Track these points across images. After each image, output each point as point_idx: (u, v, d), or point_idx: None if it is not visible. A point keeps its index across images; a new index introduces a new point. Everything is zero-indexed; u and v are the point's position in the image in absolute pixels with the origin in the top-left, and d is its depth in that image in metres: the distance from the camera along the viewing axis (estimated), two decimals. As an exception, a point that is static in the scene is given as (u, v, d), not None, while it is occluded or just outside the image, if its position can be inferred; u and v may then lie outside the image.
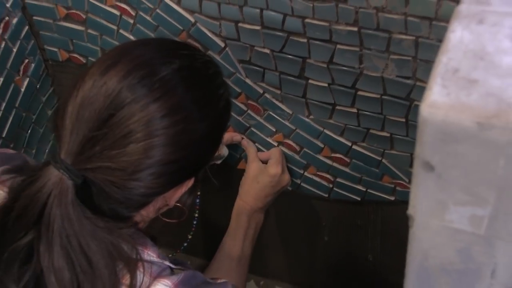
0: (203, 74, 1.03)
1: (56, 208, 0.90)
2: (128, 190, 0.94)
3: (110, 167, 0.91)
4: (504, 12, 0.66)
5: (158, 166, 0.94)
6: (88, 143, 0.90)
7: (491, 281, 0.70)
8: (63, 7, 1.47)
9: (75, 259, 0.91)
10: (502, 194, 0.61)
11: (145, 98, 0.92)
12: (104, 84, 0.92)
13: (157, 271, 0.99)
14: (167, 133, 0.93)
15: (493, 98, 0.57)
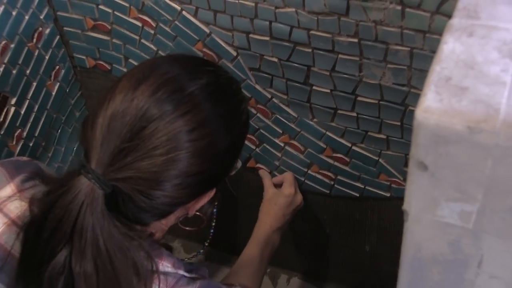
0: (227, 90, 1.02)
1: (88, 217, 0.88)
2: (154, 199, 0.92)
3: (139, 177, 0.89)
4: (491, 26, 0.65)
5: (183, 177, 0.92)
6: (119, 154, 0.88)
7: (478, 271, 0.70)
8: (91, 18, 1.48)
9: (102, 267, 0.89)
10: (489, 192, 0.61)
11: (174, 112, 0.90)
12: (135, 98, 0.90)
13: (172, 282, 0.97)
14: (193, 146, 0.91)
15: (482, 104, 0.57)
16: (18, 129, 1.45)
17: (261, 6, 1.24)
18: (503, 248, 0.66)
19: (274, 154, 1.56)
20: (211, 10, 1.31)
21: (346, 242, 1.71)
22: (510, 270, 0.68)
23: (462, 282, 0.72)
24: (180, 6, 1.34)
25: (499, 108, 0.57)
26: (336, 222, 1.68)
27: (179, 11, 1.35)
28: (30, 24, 1.42)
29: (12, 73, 1.39)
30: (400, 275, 0.76)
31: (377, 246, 1.68)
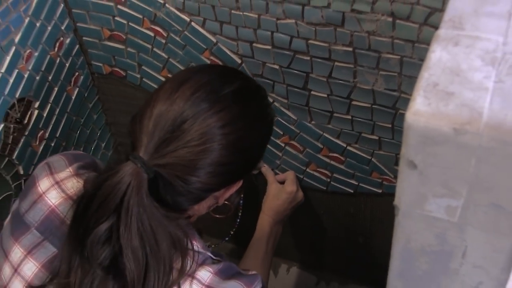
0: (255, 95, 1.06)
1: (134, 197, 0.91)
2: (190, 184, 0.96)
3: (179, 163, 0.93)
4: (475, 36, 0.65)
5: (215, 166, 0.96)
6: (162, 143, 0.93)
7: (462, 261, 0.70)
8: (108, 29, 1.48)
9: (146, 240, 0.93)
10: (473, 188, 0.61)
11: (210, 110, 0.95)
12: (177, 98, 0.95)
13: (201, 259, 1.01)
14: (224, 139, 0.96)
15: (467, 108, 0.57)
16: (41, 131, 1.45)
17: (264, 17, 1.24)
18: (485, 240, 0.66)
19: (276, 153, 1.56)
20: (217, 21, 1.31)
21: (341, 234, 1.71)
22: (491, 260, 0.68)
23: (448, 271, 0.72)
24: (189, 18, 1.34)
25: (482, 112, 0.56)
26: (332, 216, 1.68)
27: (188, 22, 1.35)
28: (52, 34, 1.42)
29: (35, 79, 1.39)
30: (391, 264, 0.76)
31: (370, 238, 1.68)
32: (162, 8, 1.35)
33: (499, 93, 0.58)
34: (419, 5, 1.08)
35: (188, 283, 0.97)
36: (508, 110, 0.56)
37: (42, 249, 1.00)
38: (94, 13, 1.45)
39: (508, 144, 0.55)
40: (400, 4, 1.09)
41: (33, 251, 1.00)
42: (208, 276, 0.99)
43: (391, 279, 0.78)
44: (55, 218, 1.00)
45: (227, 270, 1.03)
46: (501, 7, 0.69)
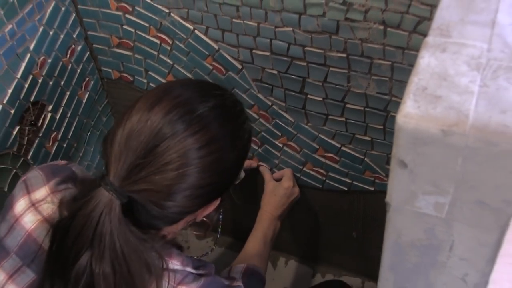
0: (232, 111, 0.99)
1: (107, 224, 0.86)
2: (165, 209, 0.90)
3: (152, 189, 0.88)
4: (461, 43, 0.65)
5: (192, 189, 0.91)
6: (134, 169, 0.87)
7: (449, 254, 0.70)
8: (116, 37, 1.48)
9: (118, 267, 0.88)
10: (459, 186, 0.61)
11: (185, 132, 0.88)
12: (149, 119, 0.88)
13: (180, 278, 0.95)
14: (202, 162, 0.90)
15: (454, 110, 0.57)
16: (54, 132, 1.45)
17: (263, 25, 1.24)
18: (471, 234, 0.66)
19: (274, 153, 1.55)
20: (219, 29, 1.31)
21: (336, 229, 1.71)
22: (476, 253, 0.68)
23: (436, 263, 0.72)
24: (193, 26, 1.34)
25: (468, 114, 0.57)
26: (327, 212, 1.68)
27: (192, 30, 1.35)
28: (65, 42, 1.42)
29: (49, 84, 1.39)
30: (383, 257, 0.76)
31: (363, 233, 1.67)
32: (167, 17, 1.35)
33: (484, 97, 0.58)
34: (409, 14, 1.08)
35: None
36: (493, 113, 0.56)
37: (22, 275, 0.95)
38: (104, 22, 1.45)
39: (493, 145, 0.55)
40: (391, 13, 1.09)
41: (13, 276, 0.95)
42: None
43: (383, 271, 0.78)
44: (32, 243, 0.95)
45: (208, 286, 0.98)
46: (485, 16, 0.69)
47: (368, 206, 1.56)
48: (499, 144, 0.55)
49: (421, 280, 0.76)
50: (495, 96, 0.58)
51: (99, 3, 1.41)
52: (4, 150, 1.28)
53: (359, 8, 1.12)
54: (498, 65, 0.62)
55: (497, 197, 0.60)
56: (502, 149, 0.55)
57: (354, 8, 1.12)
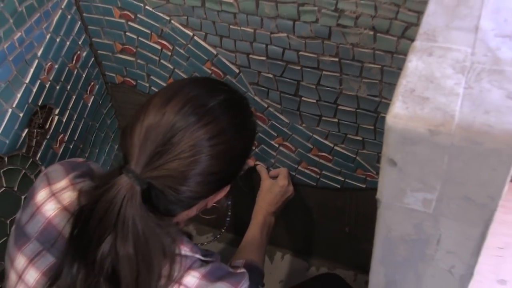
0: (240, 105, 1.02)
1: (129, 209, 0.89)
2: (180, 194, 0.93)
3: (170, 175, 0.90)
4: (447, 47, 0.65)
5: (205, 175, 0.93)
6: (154, 157, 0.89)
7: (437, 247, 0.70)
8: (119, 43, 1.48)
9: (139, 248, 0.90)
10: (446, 183, 0.61)
11: (197, 124, 0.91)
12: (166, 112, 0.91)
13: (189, 264, 0.97)
14: (212, 150, 0.92)
15: (440, 111, 0.57)
16: (61, 134, 1.45)
17: (259, 31, 1.24)
18: (457, 228, 0.66)
19: (270, 153, 1.55)
20: (217, 35, 1.31)
21: (329, 225, 1.71)
22: (462, 246, 0.68)
23: (424, 257, 0.72)
24: (192, 32, 1.34)
25: (454, 115, 0.57)
26: (322, 209, 1.68)
27: (191, 36, 1.35)
28: (71, 48, 1.42)
29: (55, 88, 1.38)
30: (374, 251, 0.76)
31: (355, 228, 1.68)
32: (168, 24, 1.35)
33: (469, 98, 0.58)
34: (397, 20, 1.08)
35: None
36: (477, 113, 0.56)
37: (42, 258, 0.97)
38: (108, 29, 1.45)
39: (477, 144, 0.56)
40: (380, 19, 1.09)
41: (34, 259, 0.97)
42: (195, 281, 0.96)
43: (374, 264, 0.78)
44: (52, 229, 0.98)
45: (215, 272, 0.99)
46: (469, 22, 0.69)
47: (360, 203, 1.56)
48: (483, 143, 0.55)
49: (410, 273, 0.76)
50: (479, 97, 0.58)
51: (103, 11, 1.41)
52: (14, 151, 1.28)
53: (350, 14, 1.12)
54: (481, 68, 0.62)
55: (481, 193, 0.60)
56: (486, 148, 0.55)
57: (346, 14, 1.12)
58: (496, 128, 0.55)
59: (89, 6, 1.41)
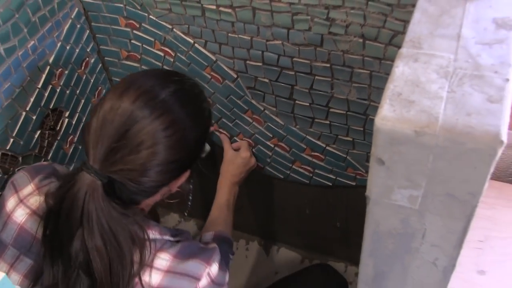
0: (191, 94, 1.00)
1: (92, 203, 0.88)
2: (142, 184, 0.92)
3: (128, 168, 0.89)
4: (431, 54, 0.65)
5: (163, 165, 0.92)
6: (111, 152, 0.88)
7: (422, 241, 0.70)
8: (125, 50, 1.47)
9: (107, 239, 0.89)
10: (431, 180, 0.61)
11: (151, 116, 0.90)
12: (119, 107, 0.89)
13: (159, 246, 0.96)
14: (168, 140, 0.91)
15: (425, 113, 0.57)
16: (71, 135, 1.45)
17: (255, 39, 1.24)
18: (441, 223, 0.66)
19: (266, 153, 1.55)
20: (217, 43, 1.31)
21: (322, 220, 1.71)
22: (446, 239, 0.68)
23: (410, 249, 0.72)
24: (193, 40, 1.34)
25: (438, 117, 0.57)
26: (314, 205, 1.68)
27: (192, 43, 1.34)
28: (80, 55, 1.42)
29: (66, 93, 1.38)
30: (363, 245, 0.76)
31: (346, 223, 1.68)
32: (171, 32, 1.35)
33: (452, 101, 0.58)
34: (385, 28, 1.08)
35: (148, 273, 0.94)
36: (459, 116, 0.56)
37: (21, 262, 0.97)
38: (114, 37, 1.45)
39: (460, 144, 0.56)
40: (369, 27, 1.09)
41: (14, 264, 0.97)
42: (166, 263, 0.95)
43: (363, 257, 0.78)
44: (25, 234, 0.97)
45: (185, 250, 0.98)
46: (451, 30, 0.69)
47: (350, 200, 1.56)
48: (465, 143, 0.55)
49: (397, 265, 0.76)
50: (461, 100, 0.58)
51: (110, 20, 1.41)
52: (27, 151, 1.28)
53: (341, 23, 1.12)
54: (463, 74, 0.62)
55: (463, 190, 0.60)
56: (468, 148, 0.56)
57: (337, 23, 1.12)
58: (477, 129, 0.55)
59: (97, 15, 1.41)
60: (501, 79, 0.61)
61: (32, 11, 1.22)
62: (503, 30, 0.68)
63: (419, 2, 0.75)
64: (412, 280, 0.78)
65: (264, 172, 1.61)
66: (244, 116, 1.46)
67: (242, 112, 1.45)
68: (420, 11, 0.73)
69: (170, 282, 0.94)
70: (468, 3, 0.74)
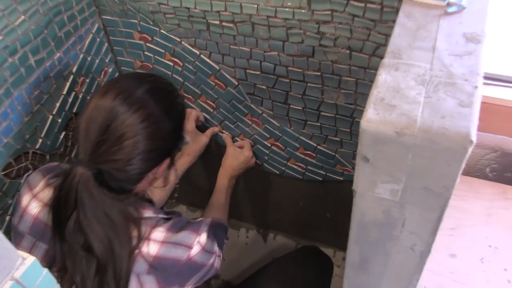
0: (164, 91, 1.02)
1: (84, 191, 0.91)
2: (127, 172, 0.94)
3: (113, 159, 0.92)
4: (410, 64, 0.65)
5: (144, 153, 0.94)
6: (96, 146, 0.91)
7: (402, 229, 0.70)
8: (139, 61, 1.47)
9: (103, 222, 0.92)
10: (410, 176, 0.61)
11: (128, 111, 0.92)
12: (102, 106, 0.92)
13: (154, 223, 0.98)
14: (146, 132, 0.93)
15: (405, 116, 0.57)
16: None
17: (254, 50, 1.24)
18: (418, 213, 0.66)
19: (264, 151, 1.55)
20: (220, 54, 1.31)
21: (314, 211, 1.71)
22: (423, 228, 0.68)
23: (392, 237, 0.72)
24: (199, 51, 1.33)
25: (416, 119, 0.57)
26: (307, 198, 1.67)
27: (198, 54, 1.34)
28: (99, 66, 1.42)
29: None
30: (350, 233, 0.76)
31: (335, 214, 1.67)
32: (179, 45, 1.35)
33: (428, 106, 0.58)
34: (369, 41, 1.08)
35: (146, 245, 0.96)
36: (435, 118, 0.57)
37: (38, 248, 0.99)
38: (129, 49, 1.45)
39: (435, 143, 0.56)
40: (355, 40, 1.09)
41: (31, 250, 0.99)
42: (162, 234, 0.97)
43: (350, 243, 0.78)
44: (39, 223, 0.99)
45: (176, 224, 1.01)
46: (427, 43, 0.69)
47: (339, 193, 1.56)
48: (440, 142, 0.56)
49: (380, 250, 0.76)
50: (436, 105, 0.59)
51: (126, 34, 1.41)
52: (53, 150, 1.28)
53: (330, 36, 1.12)
54: (438, 81, 0.62)
55: (438, 184, 0.60)
56: (443, 147, 0.56)
57: (326, 36, 1.12)
58: (450, 130, 0.55)
59: (115, 30, 1.41)
60: (471, 86, 0.61)
61: (59, 27, 1.23)
62: (471, 44, 0.68)
63: (399, 18, 0.75)
64: (393, 264, 0.78)
65: (262, 168, 1.61)
66: (244, 118, 1.46)
67: (242, 115, 1.45)
68: (399, 26, 0.74)
69: (166, 251, 0.97)
70: (441, 19, 0.74)
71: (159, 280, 0.97)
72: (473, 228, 1.29)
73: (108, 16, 1.38)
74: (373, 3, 1.02)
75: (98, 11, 1.37)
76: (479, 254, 1.24)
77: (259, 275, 1.38)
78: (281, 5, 1.12)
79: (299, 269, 1.39)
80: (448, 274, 1.20)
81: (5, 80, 1.10)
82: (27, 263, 0.52)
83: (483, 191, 1.39)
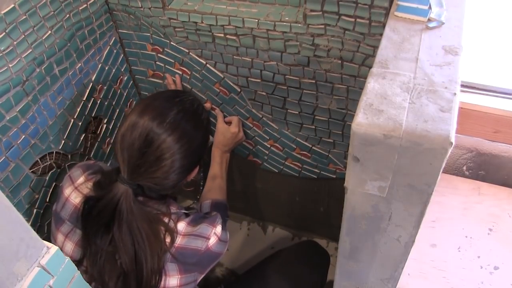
0: (191, 110, 1.04)
1: (124, 205, 0.94)
2: (165, 185, 0.98)
3: (152, 177, 0.95)
4: (396, 73, 0.66)
5: (180, 169, 0.98)
6: (136, 167, 0.94)
7: (388, 222, 0.70)
8: (151, 70, 1.47)
9: (134, 235, 0.95)
10: (396, 174, 0.61)
11: (163, 134, 0.95)
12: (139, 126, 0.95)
13: (177, 217, 1.01)
14: (180, 151, 0.97)
15: (392, 120, 0.57)
16: (108, 138, 1.45)
17: (255, 60, 1.24)
18: (403, 208, 0.66)
19: (264, 152, 1.55)
20: (224, 63, 1.31)
21: (309, 205, 1.71)
22: (407, 221, 0.68)
23: (379, 229, 0.72)
24: (205, 61, 1.33)
25: (402, 123, 0.57)
26: (303, 194, 1.67)
27: (204, 64, 1.34)
28: (116, 74, 1.42)
29: (104, 104, 1.38)
30: (342, 225, 0.76)
31: (328, 208, 1.67)
32: (187, 55, 1.35)
33: (412, 111, 0.59)
34: (359, 52, 1.08)
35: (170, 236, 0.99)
36: (418, 122, 0.57)
37: (74, 234, 1.01)
38: (143, 59, 1.45)
39: (418, 145, 0.56)
40: (346, 51, 1.10)
41: (68, 235, 1.02)
42: (183, 227, 1.00)
43: (342, 235, 0.78)
44: (78, 212, 1.01)
45: (195, 219, 1.03)
46: (411, 54, 0.70)
47: (332, 189, 1.56)
48: (422, 144, 0.56)
49: (369, 241, 0.76)
50: (420, 110, 0.59)
51: (139, 46, 1.41)
52: (75, 151, 1.29)
53: (323, 48, 1.12)
54: (421, 89, 0.62)
55: (421, 181, 0.60)
56: (425, 148, 0.56)
57: (320, 48, 1.12)
58: (432, 133, 0.55)
59: (129, 43, 1.41)
60: (450, 93, 0.61)
61: (80, 40, 1.23)
62: (450, 55, 0.69)
63: (386, 32, 0.75)
64: (381, 253, 0.78)
65: (262, 167, 1.61)
66: (246, 122, 1.46)
67: (244, 119, 1.45)
68: (386, 39, 0.74)
69: (188, 242, 1.00)
70: (423, 33, 0.74)
71: (180, 268, 0.99)
72: (451, 221, 1.29)
73: (124, 30, 1.38)
74: (362, 18, 1.02)
75: (115, 25, 1.37)
76: (456, 244, 1.24)
77: (262, 267, 1.38)
78: (279, 20, 1.12)
79: (299, 262, 1.39)
80: (429, 262, 1.20)
81: (33, 88, 1.11)
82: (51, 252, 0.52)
83: (460, 187, 1.39)
